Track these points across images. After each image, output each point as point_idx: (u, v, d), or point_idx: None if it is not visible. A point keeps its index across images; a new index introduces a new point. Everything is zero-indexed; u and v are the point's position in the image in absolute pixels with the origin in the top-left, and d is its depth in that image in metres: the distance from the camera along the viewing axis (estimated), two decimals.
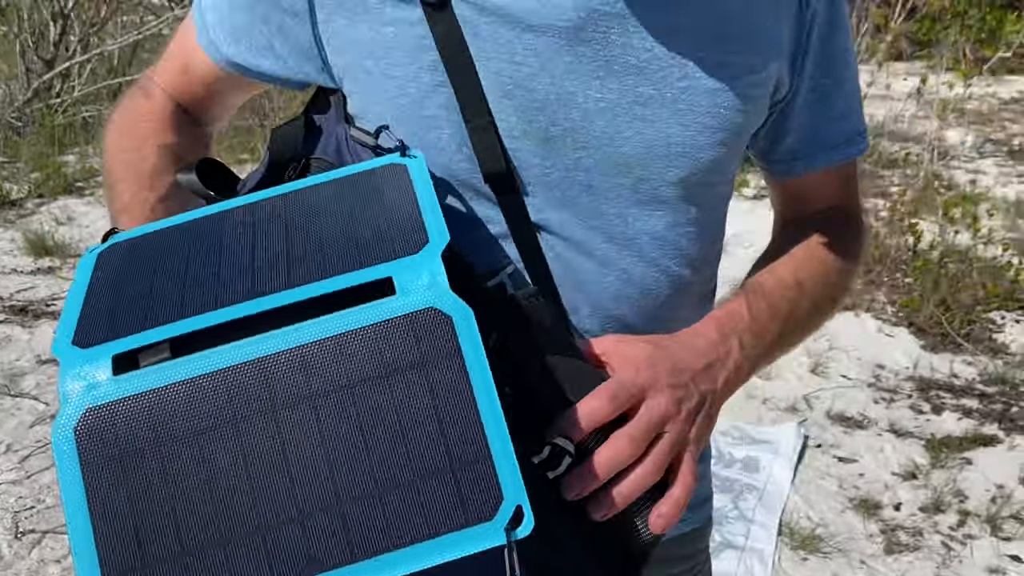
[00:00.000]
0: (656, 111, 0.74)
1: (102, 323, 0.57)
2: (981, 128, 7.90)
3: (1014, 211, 5.27)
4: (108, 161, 0.86)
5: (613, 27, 0.72)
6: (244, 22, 0.79)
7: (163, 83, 0.88)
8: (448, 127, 0.73)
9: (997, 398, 3.19)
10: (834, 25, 0.82)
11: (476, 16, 0.71)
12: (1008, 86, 9.69)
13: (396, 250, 0.57)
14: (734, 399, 2.79)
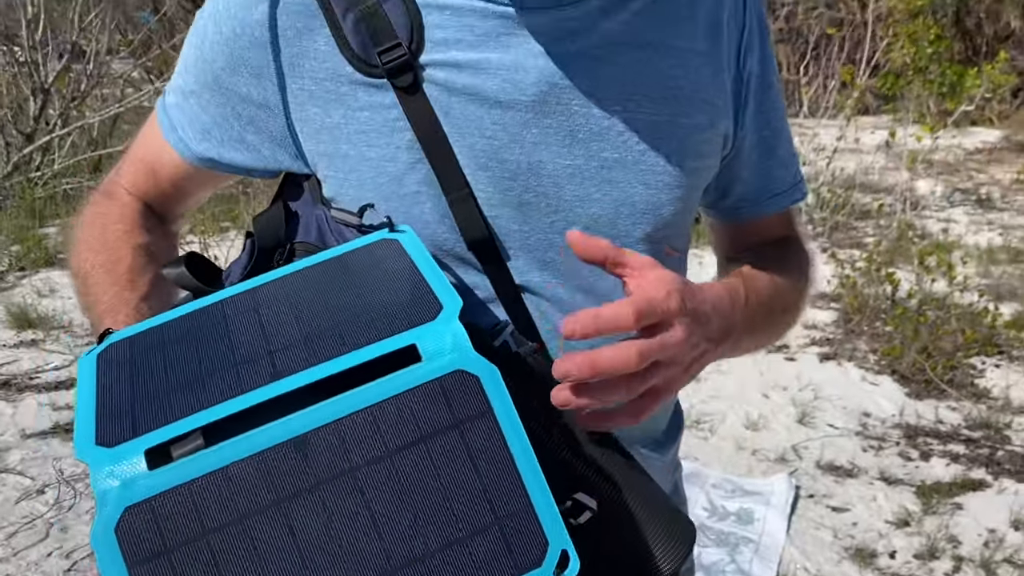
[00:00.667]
0: (620, 174, 0.79)
1: (123, 420, 0.56)
2: (949, 178, 8.10)
3: (986, 258, 5.38)
4: (80, 268, 0.87)
5: (574, 98, 0.77)
6: (214, 118, 0.81)
7: (128, 185, 0.90)
8: (429, 201, 0.76)
9: (983, 442, 3.22)
10: (767, 82, 0.88)
11: (446, 96, 0.75)
12: (972, 137, 9.95)
13: (414, 318, 0.59)
14: (725, 452, 2.80)
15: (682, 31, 0.81)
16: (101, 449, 0.54)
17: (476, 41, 0.75)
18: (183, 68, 0.83)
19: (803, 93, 8.95)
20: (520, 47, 0.75)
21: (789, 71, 12.05)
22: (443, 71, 0.75)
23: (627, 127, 0.79)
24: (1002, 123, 10.53)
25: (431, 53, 0.75)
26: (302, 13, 0.75)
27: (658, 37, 0.80)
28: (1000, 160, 8.81)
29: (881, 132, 9.34)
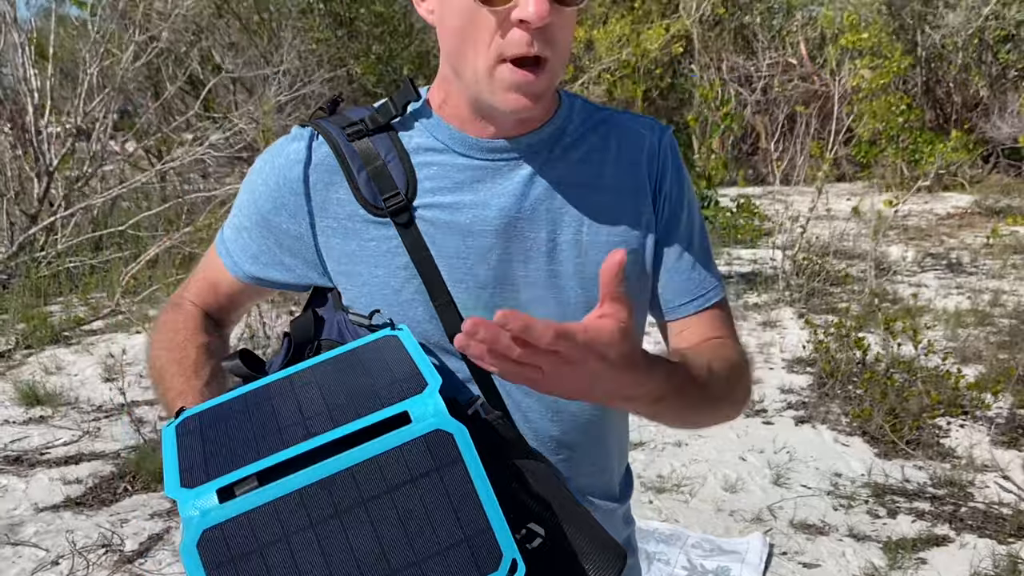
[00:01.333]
0: (564, 282, 1.03)
1: (199, 470, 0.80)
2: (921, 243, 8.40)
3: (954, 321, 5.62)
4: (156, 362, 1.10)
5: (526, 227, 1.02)
6: (260, 247, 1.08)
7: (193, 298, 1.16)
8: (421, 306, 1.01)
9: (947, 500, 3.41)
10: (680, 203, 1.09)
11: (432, 229, 1.01)
12: (944, 202, 10.32)
13: (406, 392, 0.82)
14: (704, 513, 3.02)
15: (610, 171, 1.06)
16: (185, 490, 0.78)
17: (454, 187, 1.02)
18: (238, 210, 1.10)
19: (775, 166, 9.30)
20: (487, 190, 1.02)
21: (765, 140, 12.49)
22: (430, 211, 1.01)
23: (568, 246, 1.03)
24: (973, 188, 10.91)
25: (422, 197, 1.01)
26: (328, 171, 1.03)
27: (592, 178, 1.05)
28: (971, 224, 9.14)
29: (856, 198, 9.69)
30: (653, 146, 1.09)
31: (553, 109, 1.07)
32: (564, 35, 0.95)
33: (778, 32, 13.19)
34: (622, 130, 1.09)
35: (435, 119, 1.04)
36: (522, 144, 1.03)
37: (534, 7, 0.88)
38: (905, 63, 8.33)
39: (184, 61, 9.39)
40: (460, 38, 0.95)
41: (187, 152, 7.37)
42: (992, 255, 7.66)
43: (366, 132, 1.03)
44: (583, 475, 1.08)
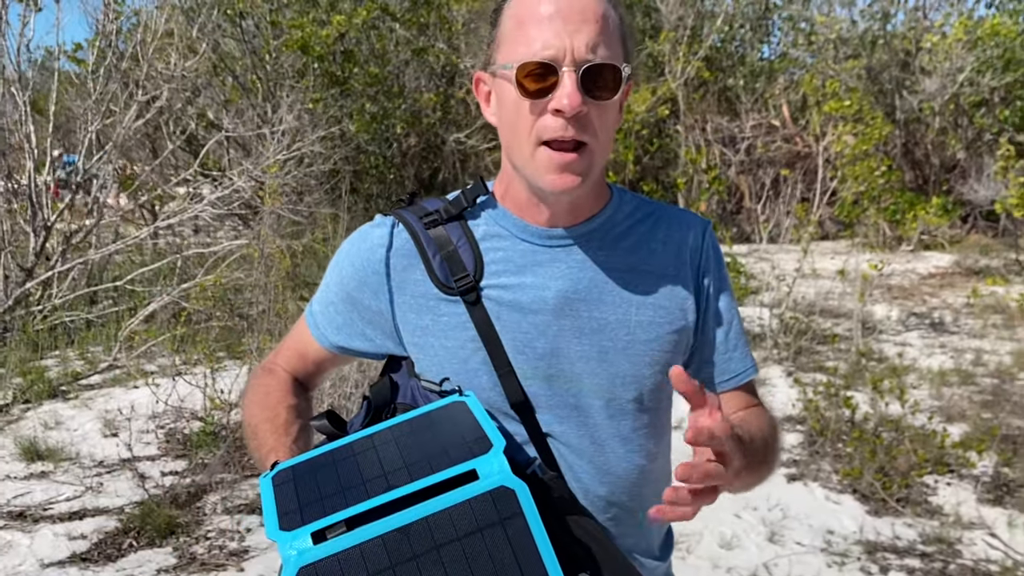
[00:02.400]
0: (613, 356, 1.14)
1: (296, 515, 0.92)
2: (905, 302, 8.58)
3: (938, 380, 5.76)
4: (251, 422, 1.23)
5: (581, 307, 1.14)
6: (346, 320, 1.22)
7: (284, 364, 1.31)
8: (486, 375, 1.13)
9: (936, 556, 3.50)
10: (720, 292, 1.23)
11: (497, 307, 1.14)
12: (925, 262, 10.54)
13: (475, 452, 0.94)
14: (701, 570, 3.11)
15: (657, 260, 1.19)
16: (283, 532, 0.90)
17: (517, 269, 1.15)
18: (325, 287, 1.25)
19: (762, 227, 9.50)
20: (546, 273, 1.15)
21: (750, 199, 12.75)
22: (495, 291, 1.14)
23: (618, 324, 1.15)
24: (952, 248, 11.16)
25: (488, 279, 1.14)
26: (407, 255, 1.17)
27: (641, 264, 1.18)
28: (952, 284, 9.35)
29: (841, 257, 9.90)
30: (697, 240, 1.22)
31: (605, 201, 1.20)
32: (603, 122, 1.07)
33: (761, 95, 13.56)
34: (669, 223, 1.22)
35: (499, 209, 1.19)
36: (577, 232, 1.16)
37: (568, 100, 1.01)
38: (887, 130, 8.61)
39: (181, 119, 9.56)
40: (511, 131, 1.10)
41: (184, 208, 7.48)
42: (973, 315, 7.84)
43: (441, 221, 1.17)
44: (627, 534, 1.18)
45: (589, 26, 1.04)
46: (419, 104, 11.04)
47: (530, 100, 1.04)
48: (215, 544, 3.55)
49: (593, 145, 1.07)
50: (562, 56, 1.03)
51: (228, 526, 3.69)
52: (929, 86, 11.98)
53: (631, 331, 1.15)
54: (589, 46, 1.03)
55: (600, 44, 1.04)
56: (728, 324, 1.24)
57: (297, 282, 6.96)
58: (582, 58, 1.03)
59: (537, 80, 1.03)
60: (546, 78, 1.03)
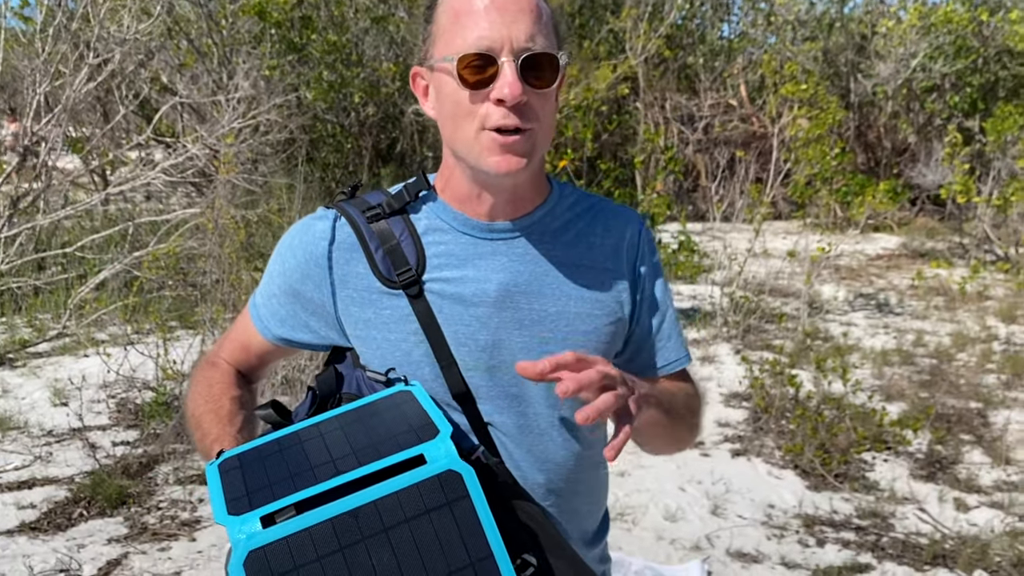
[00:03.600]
0: (553, 348, 1.16)
1: (244, 500, 0.94)
2: (852, 283, 8.79)
3: (880, 360, 5.94)
4: (195, 412, 1.24)
5: (522, 299, 1.17)
6: (288, 312, 1.23)
7: (227, 356, 1.32)
8: (428, 367, 1.15)
9: (870, 530, 3.64)
10: (654, 285, 1.28)
11: (439, 300, 1.16)
12: (873, 243, 10.79)
13: (422, 438, 0.97)
14: (646, 541, 3.21)
15: (596, 254, 1.23)
16: (233, 517, 0.92)
17: (459, 263, 1.17)
18: (268, 279, 1.26)
19: (716, 206, 9.63)
20: (487, 266, 1.17)
21: (706, 178, 12.89)
22: (438, 284, 1.16)
23: (557, 316, 1.19)
24: (901, 230, 11.43)
25: (430, 272, 1.17)
26: (349, 248, 1.18)
27: (581, 258, 1.22)
28: (898, 266, 9.59)
29: (793, 237, 10.09)
30: (634, 235, 1.27)
31: (545, 195, 1.23)
32: (544, 110, 1.10)
33: (719, 74, 13.67)
34: (607, 218, 1.26)
35: (440, 202, 1.20)
36: (518, 225, 1.19)
37: (509, 89, 1.04)
38: (840, 115, 8.76)
39: (133, 82, 9.36)
40: (452, 121, 1.11)
41: (137, 175, 7.35)
42: (917, 296, 8.07)
43: (383, 215, 1.19)
44: (564, 520, 1.23)
45: (525, 16, 1.06)
46: (378, 73, 10.94)
47: (471, 91, 1.06)
48: (167, 514, 3.56)
49: (535, 130, 1.09)
50: (500, 46, 1.05)
51: (180, 496, 3.70)
52: (883, 70, 12.19)
53: (570, 323, 1.19)
54: (527, 36, 1.05)
55: (537, 33, 1.07)
56: (662, 315, 1.29)
57: (252, 252, 6.91)
58: (521, 47, 1.05)
59: (477, 71, 1.05)
60: (485, 69, 1.05)
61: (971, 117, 11.87)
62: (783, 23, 13.61)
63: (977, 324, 6.98)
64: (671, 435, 1.26)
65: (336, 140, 11.34)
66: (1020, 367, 5.72)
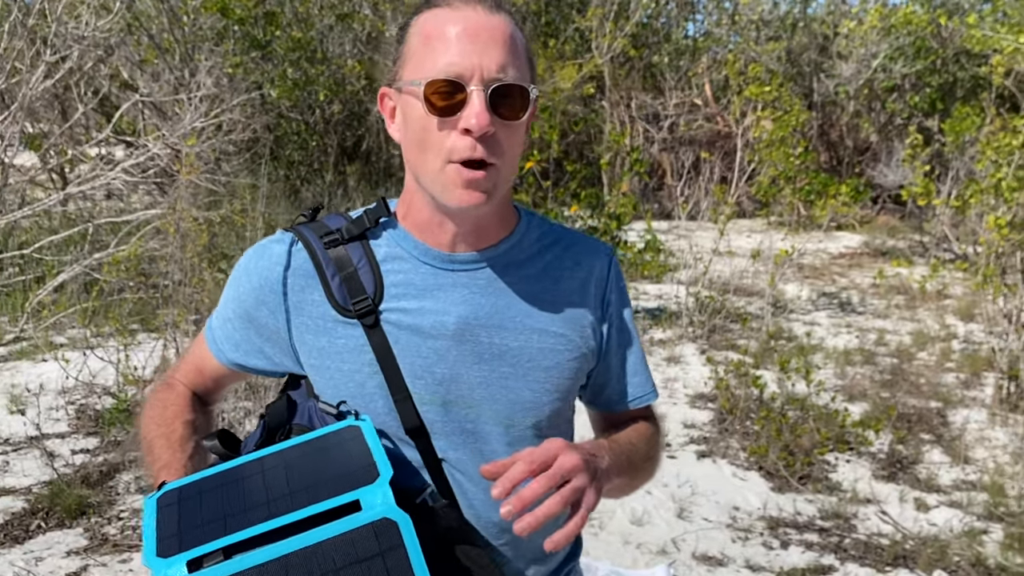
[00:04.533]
0: (513, 382, 1.14)
1: (174, 540, 0.92)
2: (815, 282, 8.89)
3: (843, 360, 6.02)
4: (146, 436, 1.21)
5: (482, 332, 1.14)
6: (244, 337, 1.20)
7: (182, 379, 1.29)
8: (381, 399, 1.12)
9: (833, 531, 3.69)
10: (623, 323, 1.25)
11: (396, 331, 1.12)
12: (836, 242, 10.92)
13: (360, 481, 0.94)
14: (612, 545, 3.20)
15: (562, 287, 1.20)
16: (159, 559, 0.90)
17: (417, 293, 1.14)
18: (224, 303, 1.23)
19: (681, 207, 9.69)
20: (447, 298, 1.14)
21: (671, 177, 12.98)
22: (395, 314, 1.13)
23: (519, 351, 1.15)
24: (862, 228, 11.58)
25: (388, 302, 1.13)
26: (305, 275, 1.15)
27: (546, 291, 1.18)
28: (860, 264, 9.72)
29: (757, 235, 10.19)
30: (603, 269, 1.24)
31: (511, 227, 1.20)
32: (510, 143, 1.07)
33: (684, 73, 13.75)
34: (576, 251, 1.23)
35: (400, 230, 1.17)
36: (481, 257, 1.16)
37: (476, 119, 1.01)
38: (804, 117, 8.85)
39: (93, 79, 9.20)
40: (418, 147, 1.08)
41: (97, 174, 7.22)
42: (879, 295, 8.18)
43: (341, 241, 1.16)
44: (522, 556, 1.20)
45: (498, 46, 1.03)
46: (343, 71, 10.86)
47: (438, 117, 1.04)
48: (128, 524, 3.50)
49: (500, 165, 1.07)
50: (470, 74, 1.02)
51: (141, 506, 3.64)
52: (845, 70, 12.33)
53: (532, 358, 1.16)
54: (498, 65, 1.03)
55: (509, 64, 1.04)
56: (631, 349, 1.27)
57: (215, 254, 6.83)
58: (491, 77, 1.02)
59: (445, 97, 1.03)
60: (454, 96, 1.02)
61: (931, 117, 12.06)
62: (747, 23, 13.72)
63: (937, 323, 7.09)
64: (629, 487, 1.24)
65: (301, 138, 11.24)
66: (978, 366, 5.83)
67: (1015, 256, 5.15)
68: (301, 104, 10.79)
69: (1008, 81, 9.54)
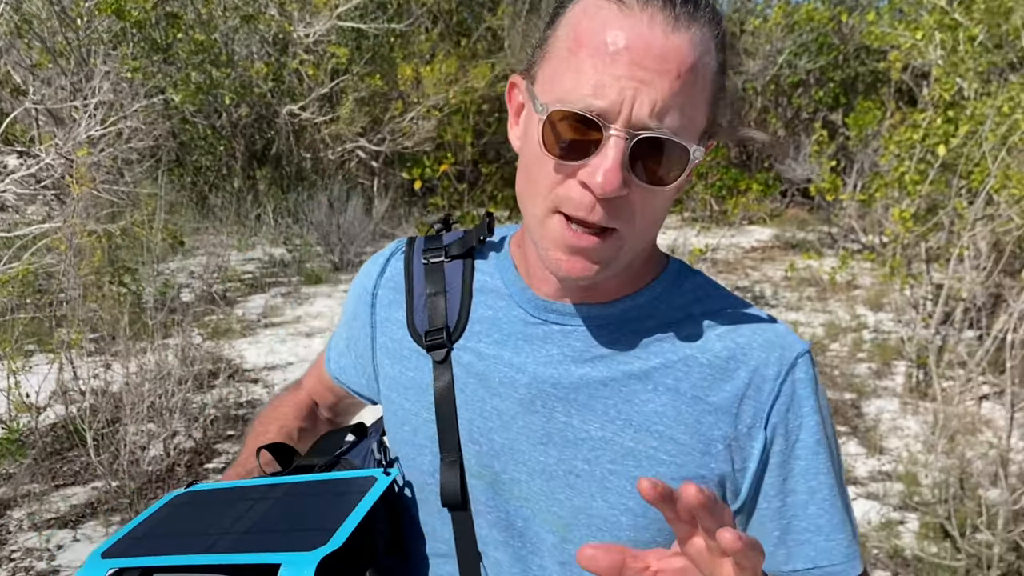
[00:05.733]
0: (585, 484, 0.85)
1: (129, 545, 0.86)
2: (729, 276, 9.03)
3: None
4: (254, 421, 1.13)
5: (557, 407, 0.87)
6: (346, 347, 1.08)
7: (307, 385, 1.19)
8: (429, 455, 0.92)
9: None
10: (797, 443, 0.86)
11: (465, 375, 0.92)
12: (748, 236, 11.13)
13: (297, 545, 0.82)
14: None
15: (695, 376, 0.85)
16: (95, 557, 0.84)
17: (501, 338, 0.92)
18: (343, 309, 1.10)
19: None
20: (530, 351, 0.90)
21: None
22: (470, 355, 0.92)
23: (603, 444, 0.85)
24: (773, 222, 11.84)
25: (468, 339, 0.93)
26: (394, 288, 1.01)
27: (661, 377, 0.86)
28: (772, 258, 9.92)
29: (671, 231, 10.29)
30: (775, 373, 0.87)
31: (645, 282, 0.92)
32: (646, 209, 0.80)
33: None
34: (739, 334, 0.88)
35: (507, 259, 0.96)
36: (589, 313, 0.89)
37: (603, 177, 0.75)
38: None
39: None
40: (527, 178, 0.83)
41: None
42: (791, 288, 8.35)
43: (445, 257, 0.99)
44: None
45: (667, 80, 0.75)
46: (250, 73, 10.55)
47: (555, 159, 0.78)
48: (21, 565, 3.27)
49: (625, 232, 0.80)
50: (615, 112, 0.75)
51: (36, 544, 3.41)
52: (752, 67, 12.59)
53: (619, 458, 0.85)
54: (655, 109, 0.75)
55: (672, 109, 0.75)
56: (810, 495, 0.86)
57: (117, 267, 6.52)
58: (640, 123, 0.75)
59: (573, 130, 0.76)
60: (586, 132, 0.76)
61: (835, 111, 12.41)
62: None
63: (848, 313, 7.26)
64: None
65: (208, 143, 10.89)
66: (888, 355, 5.98)
67: (920, 246, 5.28)
68: (206, 108, 10.45)
69: (906, 76, 9.86)
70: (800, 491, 0.86)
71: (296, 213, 9.48)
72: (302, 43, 10.53)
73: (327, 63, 10.53)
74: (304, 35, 10.48)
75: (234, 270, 8.27)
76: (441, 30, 12.23)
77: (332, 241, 8.54)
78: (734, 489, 0.87)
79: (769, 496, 0.86)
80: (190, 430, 4.29)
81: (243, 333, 6.22)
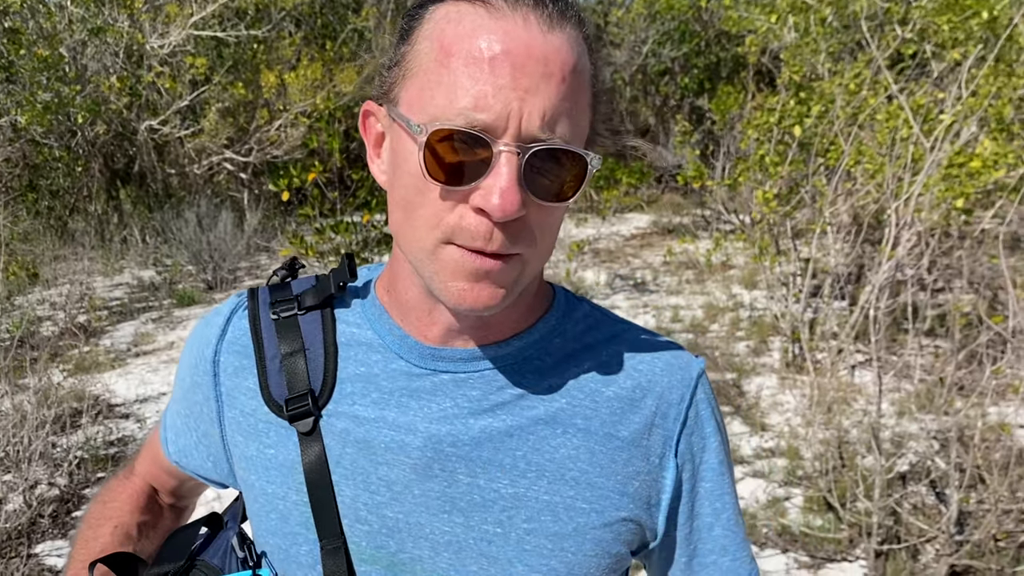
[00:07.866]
0: (501, 550, 0.76)
1: None
2: (611, 265, 9.15)
3: None
4: (82, 525, 0.97)
5: (459, 467, 0.77)
6: (184, 426, 0.91)
7: (140, 470, 1.00)
8: (306, 544, 0.79)
9: None
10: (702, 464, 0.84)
11: (340, 446, 0.78)
12: (627, 224, 11.33)
13: None
14: None
15: (603, 411, 0.80)
16: None
17: (380, 398, 0.79)
18: (175, 380, 0.94)
19: None
20: (419, 409, 0.78)
21: None
22: (343, 421, 0.79)
23: (517, 502, 0.77)
24: (650, 208, 12.09)
25: (338, 403, 0.80)
26: (241, 354, 0.84)
27: (568, 418, 0.79)
28: (651, 244, 10.12)
29: None
30: (679, 396, 0.83)
31: (539, 315, 0.83)
32: (544, 227, 0.73)
33: None
34: (638, 361, 0.83)
35: (377, 308, 0.83)
36: (482, 356, 0.80)
37: (500, 199, 0.66)
38: None
39: None
40: (405, 211, 0.73)
41: None
42: (670, 272, 8.53)
43: (297, 309, 0.84)
44: None
45: (552, 85, 0.67)
46: (102, 89, 10.02)
47: (441, 185, 0.69)
48: None
49: (528, 255, 0.72)
50: (502, 125, 0.66)
51: None
52: (619, 57, 12.81)
53: (533, 516, 0.77)
54: (546, 118, 0.67)
55: (562, 116, 0.68)
56: (716, 517, 0.84)
57: None
58: (530, 135, 0.67)
59: (458, 151, 0.67)
60: (473, 152, 0.67)
61: (700, 97, 12.76)
62: None
63: (724, 294, 7.46)
64: None
65: (64, 164, 10.29)
66: (764, 332, 6.16)
67: (785, 225, 5.45)
68: (58, 128, 9.87)
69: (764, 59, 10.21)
70: (705, 514, 0.84)
71: (164, 232, 9.06)
72: (157, 54, 10.07)
73: (185, 74, 10.11)
74: (159, 46, 10.03)
75: (100, 298, 7.84)
76: (305, 34, 11.94)
77: (204, 259, 8.20)
78: (651, 527, 0.83)
79: (679, 523, 0.84)
80: (53, 477, 4.01)
81: (112, 365, 5.88)
